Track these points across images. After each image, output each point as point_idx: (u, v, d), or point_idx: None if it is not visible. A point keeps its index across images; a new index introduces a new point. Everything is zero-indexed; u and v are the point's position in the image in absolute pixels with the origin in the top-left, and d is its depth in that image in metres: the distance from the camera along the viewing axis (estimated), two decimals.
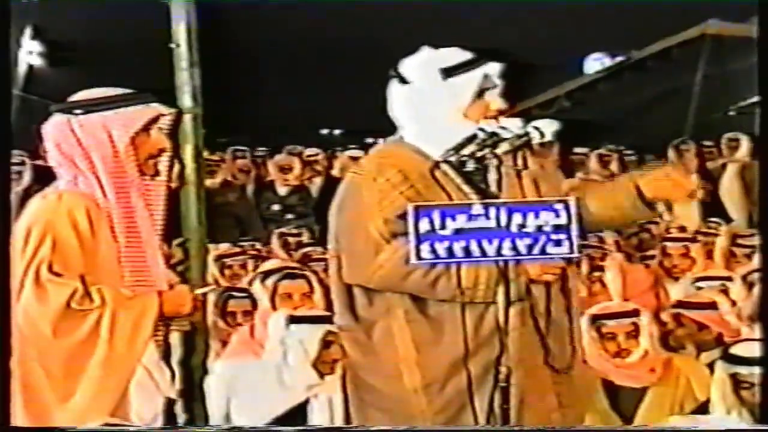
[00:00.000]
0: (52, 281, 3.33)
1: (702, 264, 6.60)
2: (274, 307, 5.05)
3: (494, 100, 3.63)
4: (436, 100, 3.59)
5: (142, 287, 3.47)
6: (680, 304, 5.23)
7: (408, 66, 3.68)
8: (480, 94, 3.62)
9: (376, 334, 3.57)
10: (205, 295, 4.33)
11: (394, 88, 3.71)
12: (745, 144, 8.45)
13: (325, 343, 4.52)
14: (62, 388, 3.37)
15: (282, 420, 4.47)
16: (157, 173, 3.56)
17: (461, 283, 3.46)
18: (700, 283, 5.84)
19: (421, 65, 3.65)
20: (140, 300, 3.43)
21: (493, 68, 3.65)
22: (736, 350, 4.07)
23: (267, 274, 5.41)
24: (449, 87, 3.60)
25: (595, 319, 4.56)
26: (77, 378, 3.37)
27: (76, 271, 3.36)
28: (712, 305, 5.15)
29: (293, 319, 4.63)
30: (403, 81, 3.67)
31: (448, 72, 3.61)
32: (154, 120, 3.53)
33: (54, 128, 3.50)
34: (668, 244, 6.75)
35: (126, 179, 3.48)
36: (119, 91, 3.55)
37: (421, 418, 3.51)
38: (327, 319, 4.53)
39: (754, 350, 3.93)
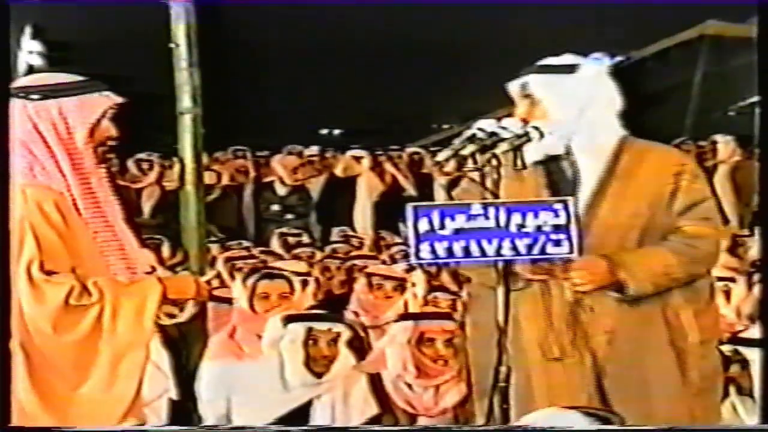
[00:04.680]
0: (48, 281, 3.30)
1: None
2: (251, 308, 5.04)
3: None
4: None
5: (127, 270, 3.46)
6: None
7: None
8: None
9: None
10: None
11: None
12: (732, 145, 8.47)
13: (312, 341, 4.51)
14: (73, 380, 3.36)
15: (283, 422, 4.47)
16: (104, 161, 3.54)
17: None
18: None
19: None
20: (140, 285, 3.41)
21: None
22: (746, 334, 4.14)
23: (248, 275, 5.45)
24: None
25: None
26: (87, 370, 3.36)
27: (66, 266, 3.34)
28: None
29: (289, 319, 4.62)
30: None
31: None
32: (108, 109, 3.51)
33: (11, 113, 3.45)
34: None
35: (84, 166, 3.45)
36: (73, 77, 3.54)
37: None
38: (318, 317, 4.55)
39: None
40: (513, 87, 3.69)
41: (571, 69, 3.72)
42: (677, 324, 3.56)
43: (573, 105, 3.65)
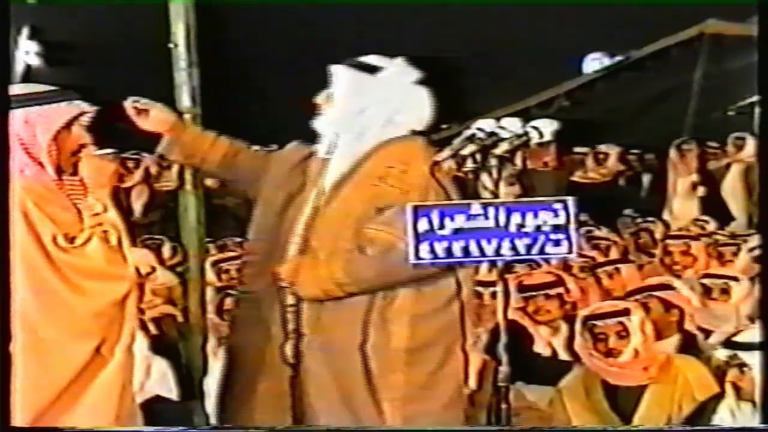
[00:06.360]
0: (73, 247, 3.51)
1: (704, 262, 6.61)
2: None
3: None
4: None
5: None
6: (640, 289, 5.24)
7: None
8: None
9: None
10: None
11: None
12: (750, 144, 8.46)
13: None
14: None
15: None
16: (75, 172, 3.63)
17: None
18: (704, 281, 5.86)
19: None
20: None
21: None
22: (739, 338, 4.15)
23: None
24: None
25: (587, 320, 4.59)
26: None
27: (76, 229, 3.59)
28: (668, 286, 5.20)
29: None
30: None
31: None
32: (76, 117, 3.59)
33: None
34: (669, 241, 6.76)
35: (47, 172, 3.57)
36: (42, 87, 3.63)
37: None
38: None
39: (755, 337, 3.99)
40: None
41: (372, 69, 3.73)
42: (381, 329, 3.55)
43: (355, 103, 3.67)
